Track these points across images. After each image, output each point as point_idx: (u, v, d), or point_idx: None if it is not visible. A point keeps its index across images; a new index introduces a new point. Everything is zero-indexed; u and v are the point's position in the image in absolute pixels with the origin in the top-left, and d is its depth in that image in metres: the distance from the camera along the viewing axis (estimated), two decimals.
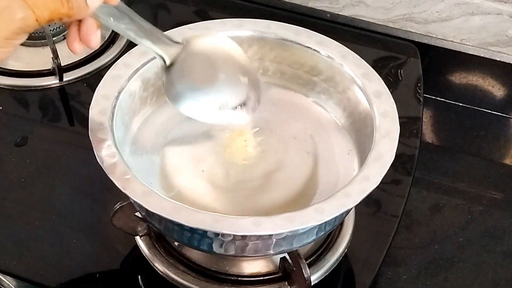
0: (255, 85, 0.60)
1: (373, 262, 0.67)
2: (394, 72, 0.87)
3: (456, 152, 0.85)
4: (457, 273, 0.70)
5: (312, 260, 0.65)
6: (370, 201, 0.71)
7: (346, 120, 0.66)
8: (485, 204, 0.77)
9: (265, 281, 0.63)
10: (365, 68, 0.64)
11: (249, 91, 0.59)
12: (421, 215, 0.75)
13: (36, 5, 0.44)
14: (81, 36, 0.49)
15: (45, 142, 0.78)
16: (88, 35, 0.49)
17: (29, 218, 0.69)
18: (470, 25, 0.88)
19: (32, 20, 0.44)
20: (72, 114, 0.82)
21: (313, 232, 0.56)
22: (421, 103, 0.83)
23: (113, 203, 0.61)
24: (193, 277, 0.63)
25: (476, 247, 0.72)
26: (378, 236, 0.70)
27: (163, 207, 0.52)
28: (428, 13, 0.89)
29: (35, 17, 0.44)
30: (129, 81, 0.62)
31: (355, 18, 0.93)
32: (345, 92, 0.65)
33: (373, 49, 0.90)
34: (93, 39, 0.50)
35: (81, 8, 0.46)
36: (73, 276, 0.66)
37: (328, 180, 0.62)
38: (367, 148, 0.59)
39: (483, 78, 0.90)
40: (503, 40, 0.87)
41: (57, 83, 0.83)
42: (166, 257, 0.64)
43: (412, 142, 0.78)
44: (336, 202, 0.53)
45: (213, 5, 0.96)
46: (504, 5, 0.84)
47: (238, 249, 0.55)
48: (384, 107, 0.61)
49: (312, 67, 0.67)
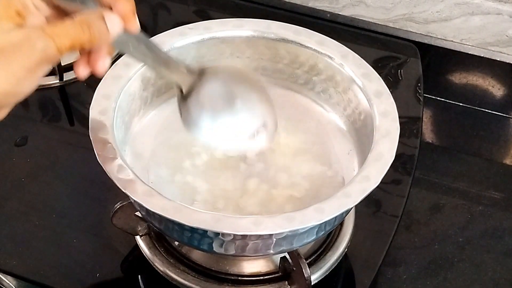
0: (271, 111, 0.59)
1: (373, 262, 0.67)
2: (394, 72, 0.87)
3: (456, 152, 0.85)
4: (457, 273, 0.70)
5: (312, 260, 0.65)
6: (370, 201, 0.71)
7: (346, 120, 0.66)
8: (485, 204, 0.77)
9: (265, 280, 0.63)
10: (365, 68, 0.64)
11: (266, 116, 0.58)
12: (421, 215, 0.74)
13: (56, 33, 0.43)
14: (90, 61, 0.48)
15: (45, 142, 0.78)
16: (96, 61, 0.48)
17: (29, 218, 0.69)
18: (470, 25, 0.88)
19: (53, 49, 0.43)
20: (72, 114, 0.82)
21: (313, 231, 0.56)
22: (421, 103, 0.83)
23: (113, 203, 0.61)
24: (193, 277, 0.63)
25: (476, 247, 0.72)
26: (378, 236, 0.70)
27: (164, 206, 0.52)
28: (428, 13, 0.89)
29: (56, 46, 0.42)
30: (129, 81, 0.63)
31: (355, 18, 0.93)
32: (345, 92, 0.65)
33: (373, 49, 0.90)
34: (100, 65, 0.48)
35: (103, 35, 0.45)
36: (73, 276, 0.66)
37: (328, 180, 0.62)
38: (367, 148, 0.59)
39: (483, 78, 0.90)
40: (503, 40, 0.87)
41: (57, 82, 0.83)
42: (166, 257, 0.64)
43: (412, 142, 0.78)
44: (336, 202, 0.53)
45: (213, 5, 0.96)
46: (504, 5, 0.84)
47: (238, 249, 0.55)
48: (384, 107, 0.61)
49: (312, 67, 0.67)
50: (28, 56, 0.42)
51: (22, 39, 0.42)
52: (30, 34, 0.42)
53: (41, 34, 0.42)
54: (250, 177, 0.62)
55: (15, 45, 0.42)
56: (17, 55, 0.42)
